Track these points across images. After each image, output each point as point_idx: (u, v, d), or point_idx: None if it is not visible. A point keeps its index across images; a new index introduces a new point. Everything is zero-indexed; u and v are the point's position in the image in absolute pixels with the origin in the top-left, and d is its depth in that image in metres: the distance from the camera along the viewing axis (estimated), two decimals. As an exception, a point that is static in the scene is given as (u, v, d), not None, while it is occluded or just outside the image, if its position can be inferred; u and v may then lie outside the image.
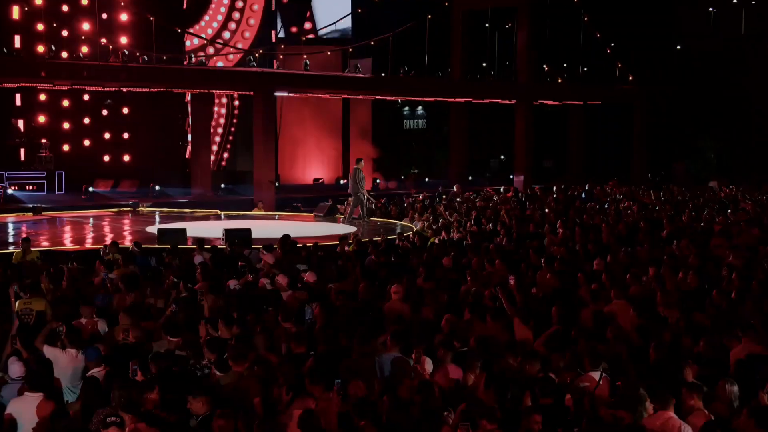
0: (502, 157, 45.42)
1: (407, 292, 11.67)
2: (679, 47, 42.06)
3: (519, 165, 36.29)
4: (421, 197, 27.85)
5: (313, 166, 37.63)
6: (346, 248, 16.43)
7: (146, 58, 27.57)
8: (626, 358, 7.96)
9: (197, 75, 28.07)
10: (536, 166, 40.58)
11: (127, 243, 17.02)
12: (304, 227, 22.55)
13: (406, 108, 46.63)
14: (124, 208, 26.64)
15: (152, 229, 20.18)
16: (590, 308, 10.40)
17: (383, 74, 33.00)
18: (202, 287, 11.70)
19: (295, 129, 36.81)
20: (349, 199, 26.37)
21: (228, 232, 17.53)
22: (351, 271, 13.78)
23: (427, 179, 40.61)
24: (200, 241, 16.12)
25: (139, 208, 26.65)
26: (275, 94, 29.86)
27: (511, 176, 37.60)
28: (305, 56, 30.75)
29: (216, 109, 35.45)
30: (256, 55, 29.44)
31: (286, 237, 16.79)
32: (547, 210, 23.43)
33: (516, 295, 11.01)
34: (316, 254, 15.55)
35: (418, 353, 8.16)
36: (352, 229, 21.41)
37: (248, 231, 17.84)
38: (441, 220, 21.55)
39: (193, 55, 27.86)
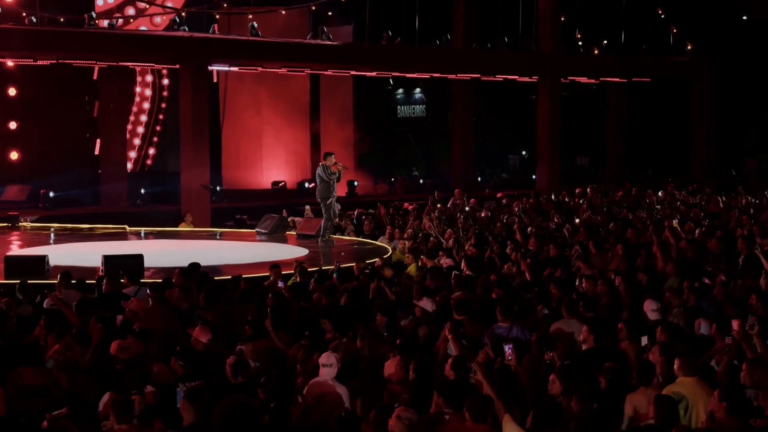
0: (524, 152, 44.23)
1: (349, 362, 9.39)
2: (745, 17, 40.70)
3: (542, 161, 34.70)
4: (406, 205, 25.98)
5: (273, 166, 36.08)
6: (279, 284, 13.78)
7: (34, 19, 25.49)
8: None
9: (99, 42, 26.02)
10: (568, 164, 39.68)
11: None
12: (239, 250, 20.99)
13: (400, 90, 45.40)
14: (0, 224, 24.78)
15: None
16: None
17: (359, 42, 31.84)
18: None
19: (247, 117, 35.27)
20: (307, 207, 24.50)
21: (109, 261, 15.25)
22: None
23: (421, 181, 39.29)
24: (65, 275, 13.82)
25: (21, 223, 24.84)
26: (211, 68, 28.18)
27: (534, 176, 36.15)
28: (250, 16, 28.85)
29: (138, 90, 33.84)
30: (183, 14, 27.19)
31: (194, 266, 14.57)
32: (578, 221, 21.08)
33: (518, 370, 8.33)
34: (235, 292, 13.27)
35: None
36: (303, 252, 19.55)
37: (139, 258, 15.58)
38: (431, 239, 19.18)
39: (94, 14, 25.56)
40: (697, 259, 14.89)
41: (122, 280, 13.72)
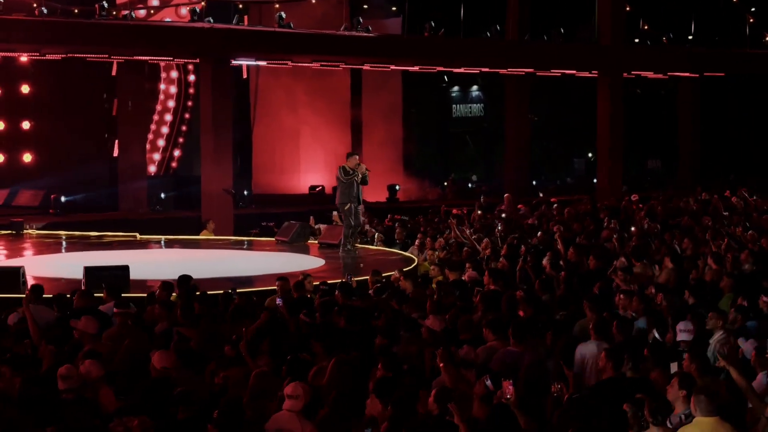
0: (590, 155, 43.49)
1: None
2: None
3: (603, 164, 33.78)
4: (455, 211, 25.27)
5: (310, 169, 35.49)
6: (278, 301, 12.94)
7: (45, 11, 25.04)
8: None
9: (111, 34, 25.62)
10: (638, 168, 39.30)
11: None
12: (251, 260, 20.73)
13: (456, 88, 44.99)
14: (4, 231, 24.54)
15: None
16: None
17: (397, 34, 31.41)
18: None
19: (282, 115, 34.78)
20: (334, 214, 23.88)
21: (90, 273, 14.75)
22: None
23: (470, 185, 38.94)
24: (34, 289, 13.18)
25: (26, 231, 24.50)
26: (236, 62, 27.93)
27: (595, 180, 35.48)
28: (277, 6, 28.41)
29: (162, 87, 33.68)
30: (203, 4, 26.70)
31: (184, 279, 13.87)
32: (633, 229, 20.16)
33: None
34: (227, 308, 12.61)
35: None
36: (319, 262, 19.11)
37: (124, 270, 15.06)
38: (465, 249, 18.42)
39: (105, 4, 25.15)
40: (756, 272, 13.88)
41: (101, 295, 13.02)
